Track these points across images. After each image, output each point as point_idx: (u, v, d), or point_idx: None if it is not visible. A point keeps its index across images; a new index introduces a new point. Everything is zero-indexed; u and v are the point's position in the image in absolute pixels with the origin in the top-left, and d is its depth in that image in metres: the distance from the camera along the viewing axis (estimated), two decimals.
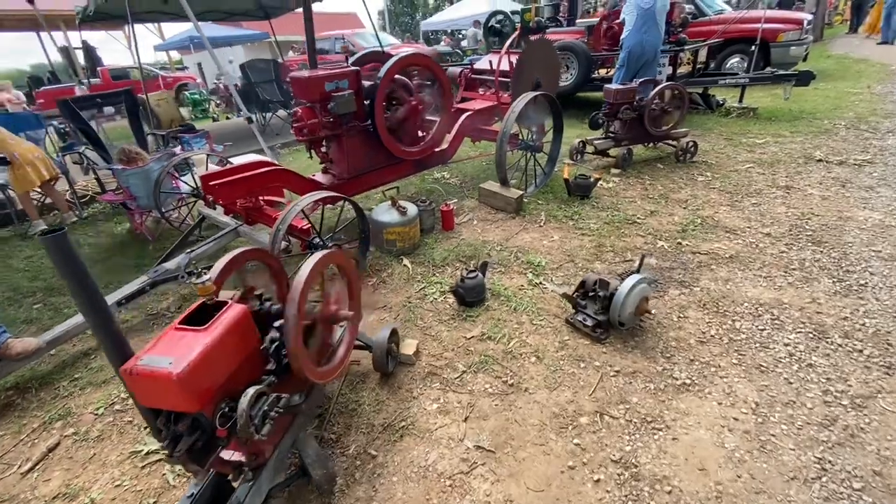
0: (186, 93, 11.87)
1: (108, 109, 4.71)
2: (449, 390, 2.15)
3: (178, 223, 3.81)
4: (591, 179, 4.05)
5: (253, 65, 7.36)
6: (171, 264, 2.86)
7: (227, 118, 10.89)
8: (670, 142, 5.00)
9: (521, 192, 3.85)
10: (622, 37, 5.79)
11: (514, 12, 9.54)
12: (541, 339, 2.43)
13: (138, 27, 11.23)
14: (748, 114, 6.49)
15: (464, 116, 4.30)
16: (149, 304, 3.03)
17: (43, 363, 2.60)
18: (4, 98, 13.20)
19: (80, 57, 18.83)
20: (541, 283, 2.91)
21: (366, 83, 3.40)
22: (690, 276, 2.86)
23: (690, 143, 4.80)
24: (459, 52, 11.79)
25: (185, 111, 10.80)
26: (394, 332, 2.29)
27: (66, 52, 19.45)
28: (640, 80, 4.90)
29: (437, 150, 4.10)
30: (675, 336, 2.36)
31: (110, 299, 2.65)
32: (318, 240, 2.84)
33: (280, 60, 8.82)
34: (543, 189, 4.32)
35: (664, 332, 2.39)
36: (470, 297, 2.70)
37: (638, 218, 3.65)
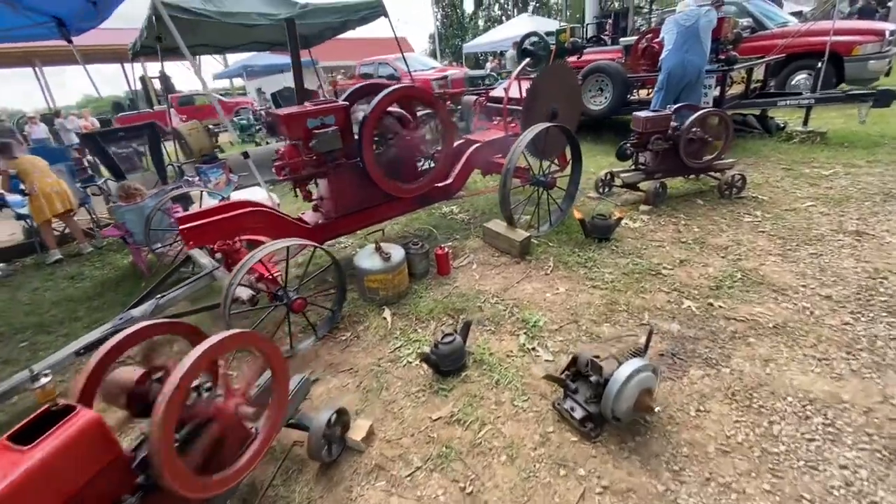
0: (234, 119, 12.47)
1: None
2: (394, 493, 1.78)
3: (171, 259, 3.75)
4: (612, 219, 3.56)
5: (281, 93, 7.50)
6: (137, 311, 2.72)
7: (267, 143, 11.28)
8: (714, 173, 4.39)
9: (527, 234, 3.44)
10: (661, 57, 5.27)
11: (548, 33, 9.22)
12: (519, 428, 2.00)
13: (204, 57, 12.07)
14: (814, 139, 5.67)
15: (472, 148, 3.98)
16: None
17: None
18: (82, 124, 14.51)
19: (157, 84, 20.88)
20: (534, 348, 2.48)
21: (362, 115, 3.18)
22: (720, 351, 2.32)
23: (737, 177, 4.17)
24: (494, 74, 11.47)
25: (233, 136, 11.33)
26: (341, 413, 1.96)
27: (143, 81, 21.62)
28: (677, 105, 4.36)
29: (440, 184, 3.80)
30: (690, 439, 1.85)
31: (70, 348, 2.54)
32: (289, 291, 2.60)
33: (318, 87, 8.99)
34: (559, 228, 3.88)
35: (676, 432, 1.89)
36: (445, 366, 2.33)
37: (664, 268, 3.12)
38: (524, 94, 3.77)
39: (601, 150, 6.39)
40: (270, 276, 2.62)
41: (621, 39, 8.67)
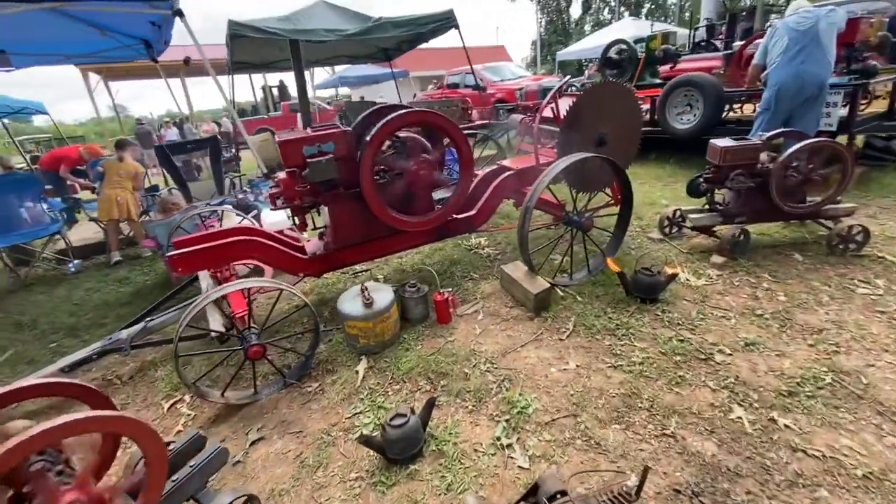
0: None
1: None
2: None
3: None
4: (661, 276, 2.85)
5: (352, 106, 7.60)
6: (126, 332, 2.74)
7: None
8: (825, 221, 3.38)
9: (546, 286, 2.88)
10: (765, 72, 4.26)
11: (637, 40, 8.23)
12: None
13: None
14: None
15: (502, 177, 3.52)
16: (113, 365, 2.97)
17: None
18: (205, 129, 16.47)
19: (275, 93, 23.32)
20: (510, 446, 1.97)
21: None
22: (769, 503, 1.61)
23: (856, 229, 3.14)
24: (576, 85, 10.57)
25: None
26: (249, 501, 1.68)
27: (263, 90, 24.28)
28: (775, 132, 3.44)
29: (460, 216, 3.40)
30: None
31: (56, 365, 2.62)
32: (252, 330, 2.41)
33: (394, 100, 9.02)
34: (596, 276, 3.23)
35: None
36: (392, 452, 1.94)
37: (720, 351, 2.38)
38: (563, 115, 3.20)
39: (683, 175, 5.41)
40: (238, 315, 2.45)
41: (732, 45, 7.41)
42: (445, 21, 7.20)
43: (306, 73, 9.12)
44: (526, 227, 2.86)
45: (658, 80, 7.12)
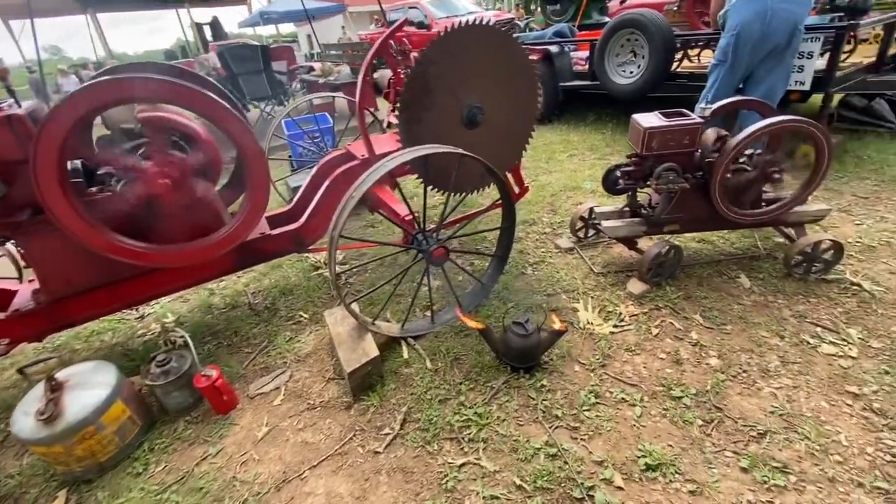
0: None
1: None
2: None
3: None
4: (543, 332, 1.91)
5: (234, 52, 6.07)
6: None
7: None
8: (787, 229, 2.47)
9: (372, 356, 1.88)
10: (722, 10, 3.15)
11: None
12: None
13: None
14: None
15: (342, 168, 2.43)
16: None
17: None
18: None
19: (208, 33, 20.35)
20: None
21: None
22: None
23: (825, 245, 2.23)
24: (519, 23, 8.76)
25: None
26: None
27: (198, 27, 21.08)
28: (728, 100, 2.41)
29: (275, 232, 2.33)
30: None
31: None
32: None
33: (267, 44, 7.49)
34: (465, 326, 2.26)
35: None
36: None
37: (604, 481, 1.49)
38: (408, 78, 2.04)
39: (625, 145, 4.35)
40: None
41: None
42: None
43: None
44: (333, 263, 1.80)
45: (608, 20, 5.85)
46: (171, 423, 1.91)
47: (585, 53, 4.88)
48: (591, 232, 2.87)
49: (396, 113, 2.04)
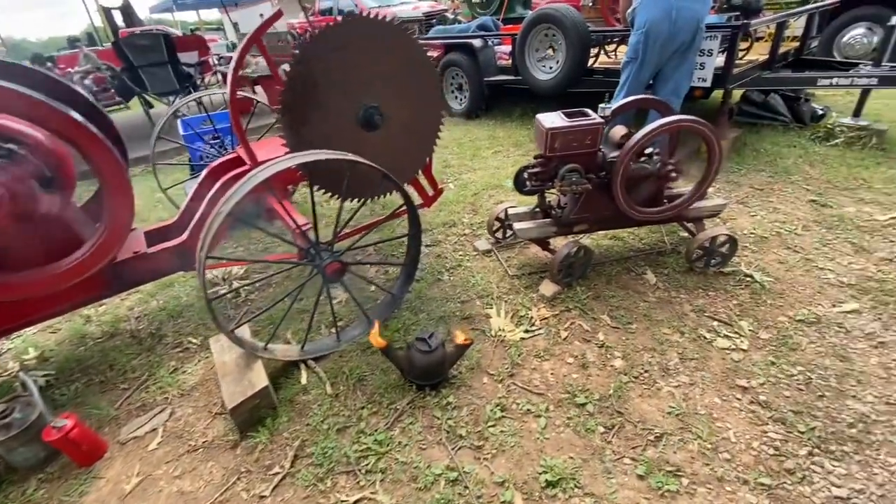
0: None
1: None
2: None
3: None
4: (447, 346, 1.81)
5: (131, 42, 5.46)
6: None
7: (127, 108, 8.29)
8: (688, 223, 2.53)
9: (259, 387, 1.70)
10: (630, 8, 3.19)
11: None
12: None
13: None
14: (867, 140, 3.65)
15: (228, 176, 2.20)
16: None
17: None
18: None
19: (118, 18, 18.32)
20: None
21: None
22: None
23: (721, 239, 2.31)
24: (449, 15, 8.64)
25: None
26: None
27: (106, 12, 18.90)
28: (628, 100, 2.42)
29: (154, 249, 2.06)
30: None
31: None
32: None
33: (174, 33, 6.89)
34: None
35: None
36: None
37: (509, 488, 1.42)
38: (287, 77, 1.84)
39: None
40: None
41: None
42: None
43: None
44: (203, 289, 1.60)
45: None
46: (20, 482, 1.63)
47: (509, 48, 4.84)
48: (509, 232, 2.83)
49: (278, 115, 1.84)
